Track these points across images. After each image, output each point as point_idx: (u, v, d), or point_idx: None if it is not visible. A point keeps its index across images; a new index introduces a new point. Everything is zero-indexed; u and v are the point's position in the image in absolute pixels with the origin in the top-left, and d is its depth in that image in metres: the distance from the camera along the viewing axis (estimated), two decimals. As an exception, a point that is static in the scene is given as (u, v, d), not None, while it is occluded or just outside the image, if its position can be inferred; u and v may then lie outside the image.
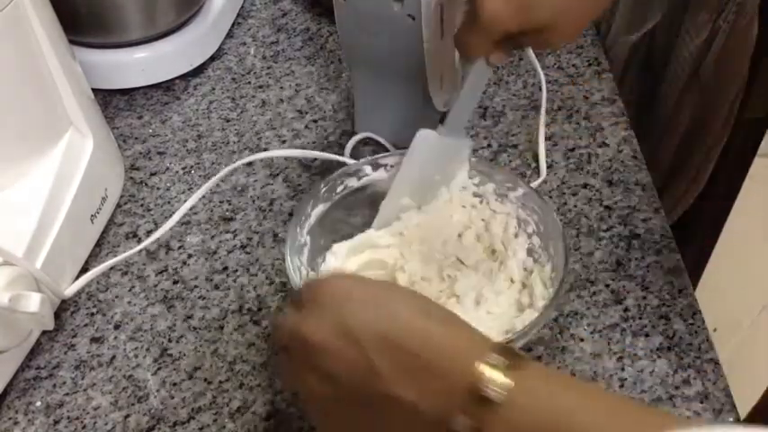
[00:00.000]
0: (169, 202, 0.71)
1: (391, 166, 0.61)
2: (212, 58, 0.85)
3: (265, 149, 0.75)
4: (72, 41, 0.66)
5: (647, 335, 0.59)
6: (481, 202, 0.61)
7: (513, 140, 0.74)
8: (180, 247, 0.67)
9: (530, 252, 0.58)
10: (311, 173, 0.73)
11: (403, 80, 0.68)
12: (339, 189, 0.60)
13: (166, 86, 0.82)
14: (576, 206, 0.68)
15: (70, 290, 0.61)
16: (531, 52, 0.75)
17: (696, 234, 1.11)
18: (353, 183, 0.60)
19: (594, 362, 0.58)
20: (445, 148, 0.60)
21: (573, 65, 0.82)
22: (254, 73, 0.84)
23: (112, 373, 0.59)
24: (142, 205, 0.71)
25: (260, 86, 0.82)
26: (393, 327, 0.38)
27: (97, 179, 0.66)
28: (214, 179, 0.64)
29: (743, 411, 0.55)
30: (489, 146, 0.74)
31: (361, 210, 0.61)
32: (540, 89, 0.75)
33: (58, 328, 0.62)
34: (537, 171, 0.71)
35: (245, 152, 0.75)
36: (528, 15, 0.51)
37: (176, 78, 0.82)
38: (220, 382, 0.58)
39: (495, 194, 0.60)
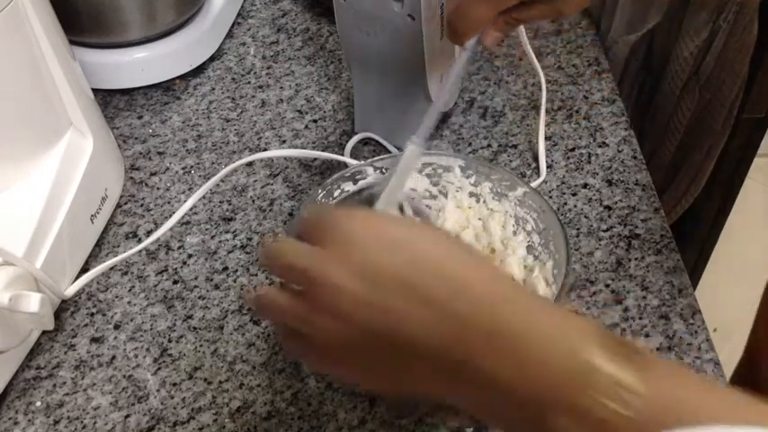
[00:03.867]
0: (169, 202, 0.71)
1: (386, 169, 0.60)
2: (212, 58, 0.85)
3: (265, 149, 0.75)
4: (72, 41, 0.66)
5: (647, 335, 0.59)
6: (478, 201, 0.61)
7: (513, 140, 0.74)
8: (180, 247, 0.67)
9: (530, 250, 0.58)
10: (311, 173, 0.73)
11: (403, 80, 0.68)
12: (336, 194, 0.59)
13: (166, 86, 0.82)
14: (575, 206, 0.68)
15: (70, 290, 0.61)
16: (531, 52, 0.75)
17: (696, 234, 1.11)
18: (350, 187, 0.60)
19: (594, 362, 0.58)
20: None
21: (573, 65, 0.82)
22: (254, 73, 0.84)
23: (112, 373, 0.59)
24: (142, 205, 0.71)
25: (260, 86, 0.82)
26: (447, 276, 0.35)
27: (97, 179, 0.66)
28: (214, 179, 0.64)
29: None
30: (489, 146, 0.74)
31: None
32: (540, 89, 0.75)
33: (58, 328, 0.62)
34: (537, 171, 0.71)
35: (245, 152, 0.75)
36: None
37: (176, 78, 0.82)
38: (220, 382, 0.58)
39: (492, 193, 0.60)
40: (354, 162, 0.69)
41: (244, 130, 0.77)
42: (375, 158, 0.61)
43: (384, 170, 0.60)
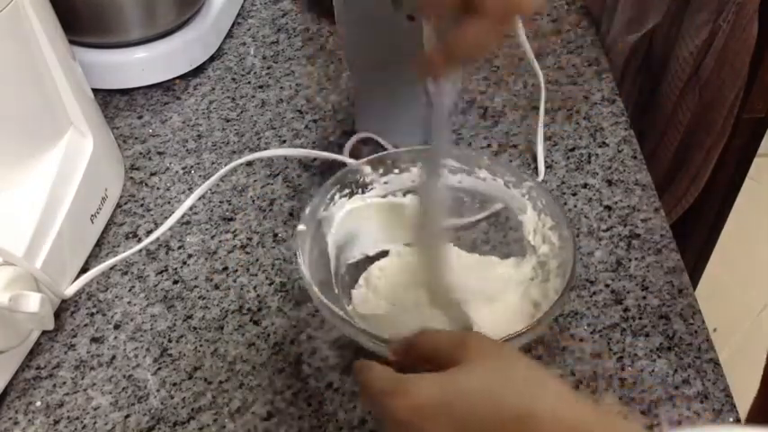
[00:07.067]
0: (169, 202, 0.71)
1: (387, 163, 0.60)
2: (212, 58, 0.85)
3: (265, 149, 0.75)
4: (72, 41, 0.66)
5: (647, 335, 0.59)
6: None
7: (512, 140, 0.74)
8: (180, 247, 0.67)
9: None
10: (311, 173, 0.73)
11: (403, 80, 0.68)
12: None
13: (166, 86, 0.82)
14: (575, 206, 0.68)
15: (70, 290, 0.61)
16: (530, 53, 0.75)
17: (696, 234, 1.11)
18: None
19: (594, 362, 0.58)
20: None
21: (573, 65, 0.82)
22: (254, 73, 0.84)
23: (112, 373, 0.59)
24: (142, 205, 0.71)
25: (260, 86, 0.82)
26: None
27: (97, 179, 0.66)
28: (214, 178, 0.64)
29: (743, 411, 0.55)
30: (489, 146, 0.74)
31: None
32: (540, 89, 0.75)
33: (58, 328, 0.62)
34: (536, 171, 0.71)
35: (245, 152, 0.75)
36: None
37: (176, 78, 0.82)
38: (220, 382, 0.58)
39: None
40: (352, 161, 0.69)
41: (244, 130, 0.77)
42: (375, 155, 0.61)
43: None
